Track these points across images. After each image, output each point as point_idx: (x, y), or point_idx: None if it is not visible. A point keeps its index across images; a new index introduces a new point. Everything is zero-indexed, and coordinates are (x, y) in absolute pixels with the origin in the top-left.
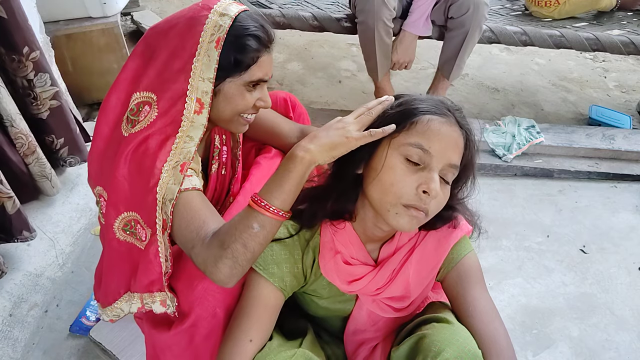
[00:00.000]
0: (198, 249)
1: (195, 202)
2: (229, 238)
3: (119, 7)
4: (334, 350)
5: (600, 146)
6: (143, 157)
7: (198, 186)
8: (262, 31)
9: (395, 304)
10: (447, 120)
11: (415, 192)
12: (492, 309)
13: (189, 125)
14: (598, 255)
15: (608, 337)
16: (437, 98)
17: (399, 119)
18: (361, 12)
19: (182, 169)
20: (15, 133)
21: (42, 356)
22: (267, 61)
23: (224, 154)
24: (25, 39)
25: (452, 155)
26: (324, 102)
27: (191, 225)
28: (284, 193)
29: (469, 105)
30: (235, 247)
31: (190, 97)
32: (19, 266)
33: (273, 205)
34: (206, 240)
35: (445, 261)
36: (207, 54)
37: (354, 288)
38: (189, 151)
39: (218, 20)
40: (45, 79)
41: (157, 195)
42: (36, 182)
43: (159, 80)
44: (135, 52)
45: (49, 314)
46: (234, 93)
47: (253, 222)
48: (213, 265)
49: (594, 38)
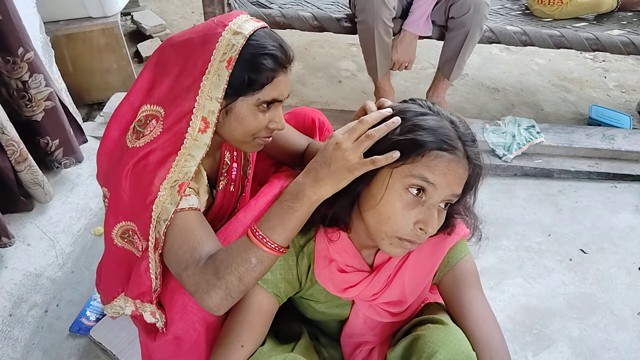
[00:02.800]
0: (191, 270)
1: (190, 223)
2: (224, 269)
3: (119, 7)
4: (331, 353)
5: (600, 146)
6: (142, 172)
7: (195, 206)
8: (279, 50)
9: (392, 309)
10: (456, 156)
11: (412, 227)
12: (487, 312)
13: (191, 143)
14: (598, 255)
15: (608, 337)
16: (449, 118)
17: (405, 148)
18: (361, 11)
19: (180, 189)
20: (7, 140)
21: (42, 356)
22: (283, 81)
23: (234, 170)
24: (20, 40)
25: (454, 189)
26: (324, 102)
27: (185, 245)
28: (287, 230)
29: (469, 105)
30: (230, 280)
31: (196, 116)
32: (19, 266)
33: (275, 242)
34: (200, 263)
35: (441, 265)
36: (217, 73)
37: (350, 294)
38: (188, 171)
39: (231, 39)
40: (40, 80)
41: (152, 213)
42: (28, 189)
43: (168, 95)
44: (150, 62)
45: (49, 314)
46: (245, 113)
47: (252, 257)
48: (205, 292)
49: (594, 38)
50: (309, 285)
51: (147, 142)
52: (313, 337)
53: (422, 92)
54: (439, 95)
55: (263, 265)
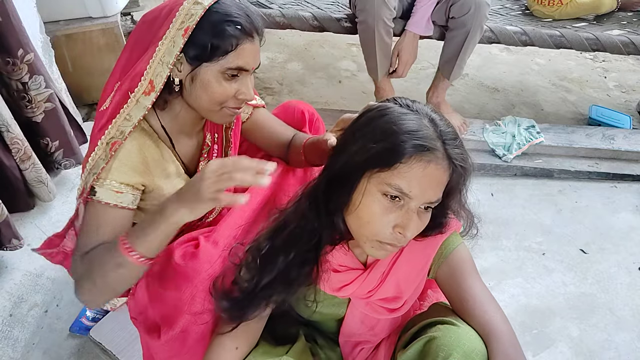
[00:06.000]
0: (75, 257)
1: (105, 219)
2: (95, 271)
3: (119, 7)
4: (328, 355)
5: (600, 146)
6: (93, 131)
7: (125, 205)
8: (244, 19)
9: (388, 305)
10: (434, 156)
11: (391, 231)
12: (486, 296)
13: (133, 104)
14: (598, 255)
15: (608, 337)
16: (429, 116)
17: (382, 156)
18: (361, 11)
19: (112, 147)
20: (11, 138)
21: (42, 356)
22: (249, 50)
23: (215, 152)
24: (20, 41)
25: (432, 195)
26: (324, 102)
27: (88, 235)
28: (148, 242)
29: (469, 105)
30: (98, 282)
31: (145, 78)
32: (19, 266)
33: (139, 253)
34: (84, 256)
35: (435, 257)
36: (173, 40)
37: (346, 293)
38: (124, 130)
39: (191, 8)
40: (40, 81)
41: (87, 163)
42: (32, 187)
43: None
44: (127, 42)
45: (49, 314)
46: (209, 79)
47: (120, 264)
48: (77, 283)
49: (594, 38)
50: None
51: (107, 106)
52: (310, 338)
53: (422, 92)
54: (439, 95)
55: (132, 272)
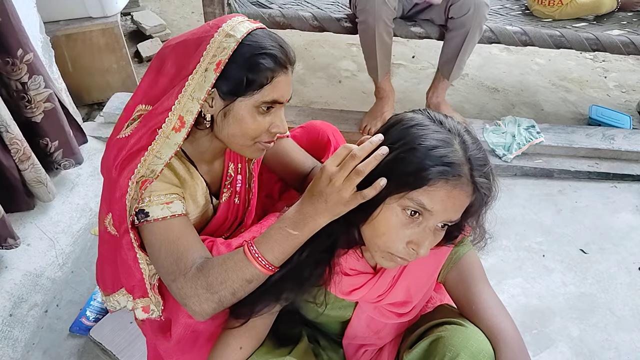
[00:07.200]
0: (180, 282)
1: (173, 232)
2: (218, 285)
3: (119, 7)
4: (330, 356)
5: (600, 146)
6: (108, 160)
7: (179, 212)
8: (279, 50)
9: (397, 310)
10: (460, 182)
11: (404, 246)
12: (495, 302)
13: (163, 141)
14: (598, 255)
15: (608, 337)
16: (461, 137)
17: (407, 180)
18: (362, 11)
19: (142, 185)
20: (11, 139)
21: (42, 356)
22: (283, 82)
23: (239, 183)
24: (19, 41)
25: (452, 216)
26: (324, 102)
27: (170, 257)
28: (284, 254)
29: (469, 105)
30: (223, 294)
31: (174, 113)
32: (19, 266)
33: (270, 263)
34: (188, 274)
35: (445, 262)
36: (204, 74)
37: (355, 297)
38: (154, 170)
39: (223, 41)
40: (39, 82)
41: (126, 207)
42: (32, 188)
43: (160, 96)
44: (150, 65)
45: (49, 314)
46: (244, 114)
47: (247, 275)
48: (197, 305)
49: (594, 38)
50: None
51: (128, 135)
52: (313, 339)
53: (422, 92)
54: (439, 95)
55: (256, 282)
